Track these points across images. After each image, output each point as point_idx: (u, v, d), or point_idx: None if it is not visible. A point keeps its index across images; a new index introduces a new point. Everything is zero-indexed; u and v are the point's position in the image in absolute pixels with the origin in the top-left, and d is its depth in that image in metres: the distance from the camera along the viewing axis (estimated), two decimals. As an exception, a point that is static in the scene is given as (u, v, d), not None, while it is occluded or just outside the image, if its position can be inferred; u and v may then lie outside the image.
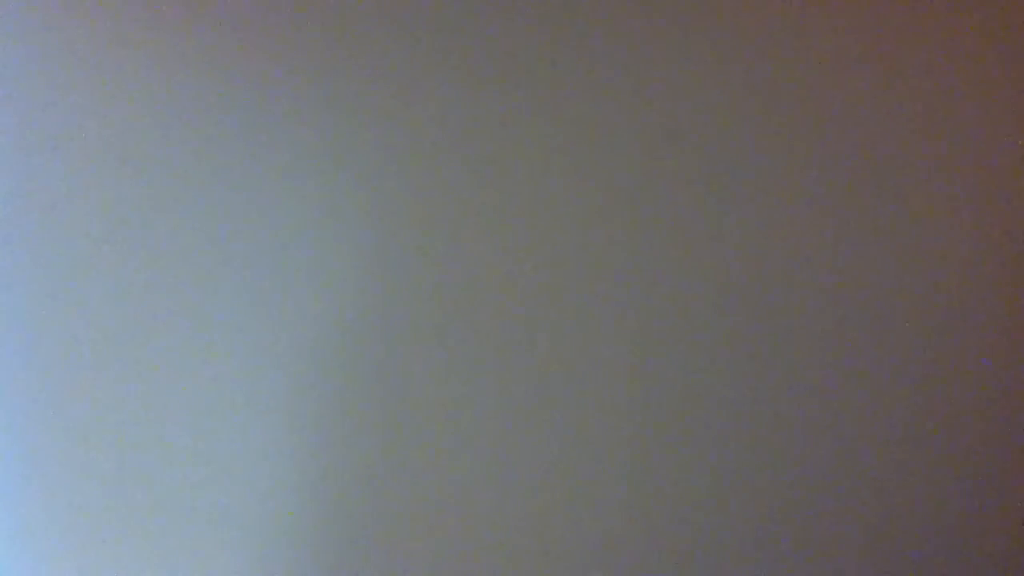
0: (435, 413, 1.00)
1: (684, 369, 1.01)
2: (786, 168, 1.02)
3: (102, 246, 0.99)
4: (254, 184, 1.00)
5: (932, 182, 1.03)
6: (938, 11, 1.03)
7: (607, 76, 1.01)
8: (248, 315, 0.99)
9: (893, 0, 1.03)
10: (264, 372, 0.99)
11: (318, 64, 1.00)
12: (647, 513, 1.01)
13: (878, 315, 1.02)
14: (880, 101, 1.03)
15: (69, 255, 0.99)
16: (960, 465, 1.03)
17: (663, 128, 1.02)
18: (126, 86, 0.99)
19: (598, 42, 1.01)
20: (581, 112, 1.01)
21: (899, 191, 1.03)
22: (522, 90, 1.01)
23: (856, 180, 1.02)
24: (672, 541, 1.02)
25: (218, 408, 0.99)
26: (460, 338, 1.00)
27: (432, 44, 1.01)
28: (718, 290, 1.02)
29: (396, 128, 1.00)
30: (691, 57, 1.02)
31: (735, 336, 1.02)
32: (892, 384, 1.02)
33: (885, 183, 1.03)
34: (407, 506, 1.00)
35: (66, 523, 0.99)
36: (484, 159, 1.01)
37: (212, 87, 0.99)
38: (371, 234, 1.00)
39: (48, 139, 0.99)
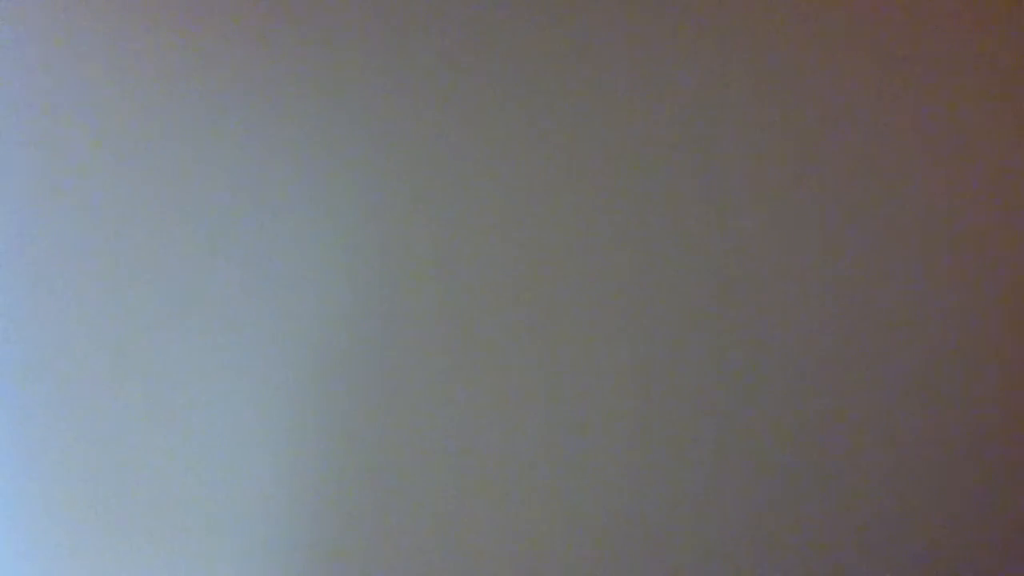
0: (435, 412, 1.00)
1: (685, 369, 1.02)
2: (786, 168, 1.02)
3: (102, 246, 0.99)
4: (254, 184, 1.00)
5: (932, 182, 1.03)
6: (938, 11, 1.03)
7: (607, 76, 1.01)
8: (248, 315, 0.99)
9: (893, 1, 1.03)
10: (264, 372, 0.99)
11: (318, 64, 1.00)
12: (647, 513, 1.02)
13: (877, 315, 1.02)
14: (880, 101, 1.03)
15: (69, 255, 0.99)
16: (960, 465, 1.03)
17: (664, 127, 1.02)
18: (126, 86, 0.99)
19: (598, 42, 1.01)
20: (581, 112, 1.01)
21: (899, 191, 1.03)
22: (522, 90, 1.01)
23: (856, 179, 1.02)
24: (672, 541, 1.02)
25: (218, 408, 0.99)
26: (460, 337, 1.00)
27: (432, 44, 1.01)
28: (718, 290, 1.02)
29: (396, 128, 1.00)
30: (691, 57, 1.02)
31: (735, 336, 1.02)
32: (892, 383, 1.02)
33: (884, 183, 1.03)
34: (408, 506, 1.00)
35: (66, 523, 0.99)
36: (484, 159, 1.01)
37: (212, 87, 0.99)
38: (371, 234, 1.00)
39: (48, 139, 0.99)
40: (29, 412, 0.99)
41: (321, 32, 1.00)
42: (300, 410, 1.00)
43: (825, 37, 1.03)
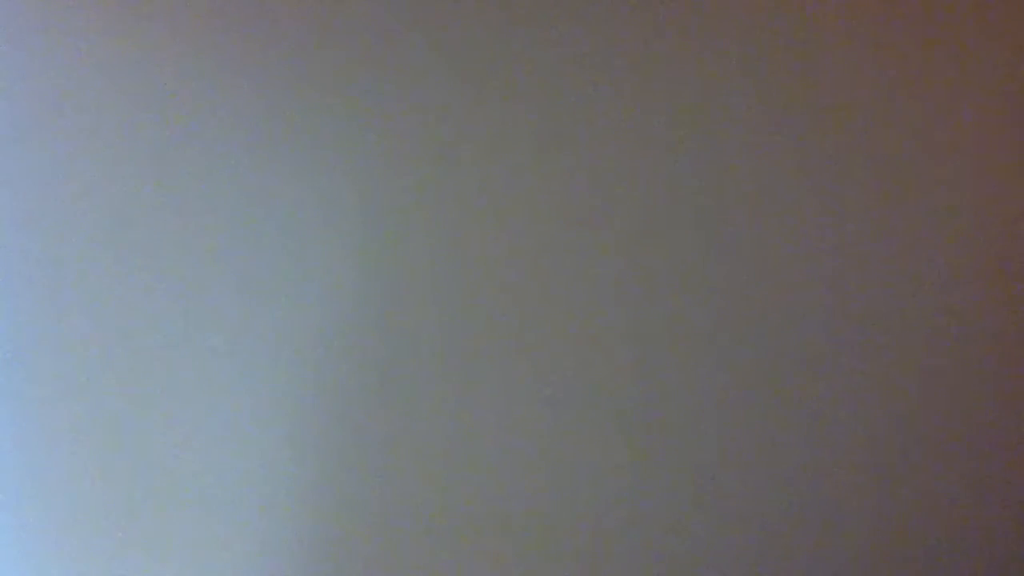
0: (435, 413, 1.00)
1: (684, 370, 1.02)
2: (785, 168, 1.02)
3: (102, 246, 0.99)
4: (253, 184, 1.00)
5: (931, 183, 1.03)
6: (938, 10, 1.03)
7: (606, 76, 1.01)
8: (248, 315, 0.99)
9: (893, 1, 1.03)
10: (264, 372, 0.99)
11: (318, 64, 1.00)
12: (647, 514, 1.02)
13: (877, 316, 1.02)
14: (879, 102, 1.03)
15: (69, 255, 0.99)
16: (960, 466, 1.03)
17: (663, 128, 1.02)
18: (126, 86, 0.99)
19: (597, 42, 1.01)
20: (580, 112, 1.01)
21: (898, 192, 1.03)
22: (521, 90, 1.01)
23: (856, 179, 1.02)
24: (672, 542, 1.02)
25: (217, 409, 0.99)
26: (459, 338, 1.00)
27: (431, 44, 1.01)
28: (717, 291, 1.02)
29: (395, 128, 1.00)
30: (690, 57, 1.02)
31: (735, 337, 1.02)
32: (892, 385, 1.02)
33: (885, 182, 1.03)
34: (407, 506, 1.00)
35: (66, 523, 0.99)
36: (482, 160, 1.01)
37: (211, 87, 0.99)
38: (370, 234, 1.00)
39: (48, 139, 0.99)
40: (29, 412, 0.99)
41: (321, 32, 1.00)
42: (301, 409, 1.00)
43: (825, 37, 1.02)
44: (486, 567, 1.01)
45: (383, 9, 1.00)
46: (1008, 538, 1.03)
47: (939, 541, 1.03)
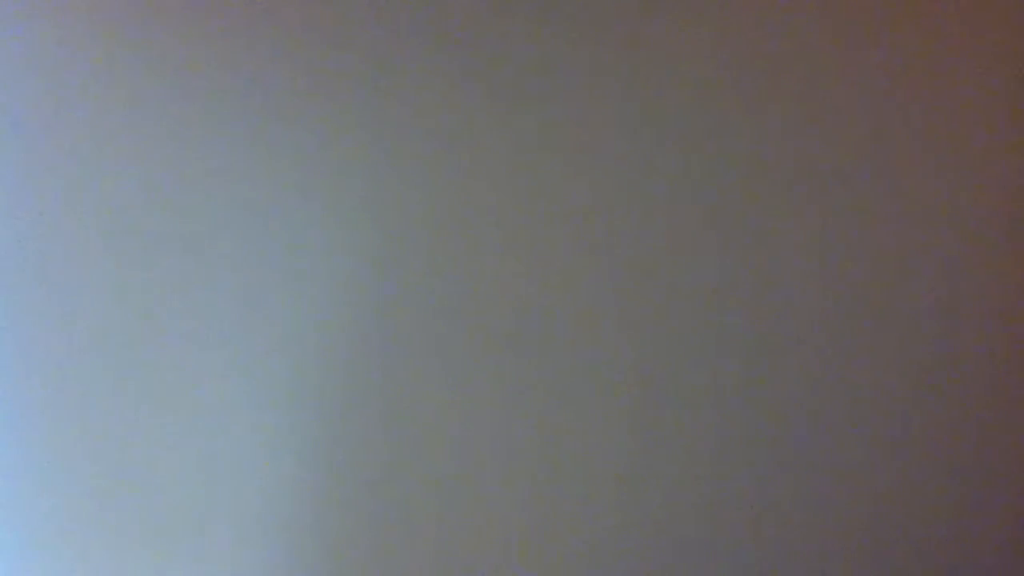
0: (435, 413, 1.00)
1: (684, 370, 1.02)
2: (785, 167, 1.02)
3: (102, 246, 0.99)
4: (254, 185, 1.00)
5: (931, 181, 1.03)
6: (938, 10, 1.03)
7: (606, 76, 1.01)
8: (248, 316, 0.99)
9: (893, 0, 1.03)
10: (265, 373, 0.99)
11: (318, 64, 1.00)
12: (646, 514, 1.02)
13: (877, 315, 1.02)
14: (879, 100, 1.03)
15: (69, 255, 0.99)
16: (960, 466, 1.03)
17: (663, 127, 1.02)
18: (126, 86, 0.99)
19: (597, 42, 1.01)
20: (580, 112, 1.01)
21: (898, 190, 1.03)
22: (522, 90, 1.01)
23: (855, 177, 1.02)
24: (670, 542, 1.02)
25: (218, 409, 0.99)
26: (460, 338, 1.01)
27: (432, 44, 1.01)
28: (717, 290, 1.02)
29: (396, 128, 1.00)
30: (690, 56, 1.02)
31: (734, 336, 1.02)
32: (891, 384, 1.02)
33: (884, 182, 1.03)
34: (407, 506, 1.00)
35: (66, 523, 0.99)
36: (483, 160, 1.01)
37: (212, 87, 0.99)
38: (371, 234, 1.00)
39: (48, 139, 0.99)
40: (29, 412, 0.99)
41: (321, 32, 1.00)
42: (299, 410, 1.00)
43: (825, 37, 1.02)
44: (486, 566, 1.01)
45: (386, 9, 1.01)
46: (1009, 538, 1.03)
47: (939, 541, 1.02)
